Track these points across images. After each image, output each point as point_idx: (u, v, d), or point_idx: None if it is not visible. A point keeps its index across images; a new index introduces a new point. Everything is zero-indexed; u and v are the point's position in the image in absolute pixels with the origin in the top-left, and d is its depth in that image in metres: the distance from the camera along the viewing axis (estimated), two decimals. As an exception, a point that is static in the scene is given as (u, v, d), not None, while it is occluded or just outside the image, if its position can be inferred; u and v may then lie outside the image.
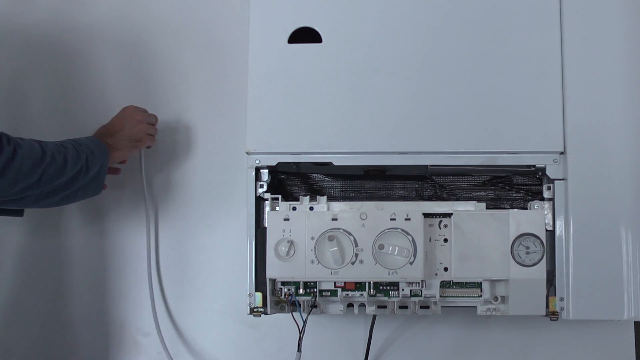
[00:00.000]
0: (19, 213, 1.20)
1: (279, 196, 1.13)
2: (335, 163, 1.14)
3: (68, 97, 1.41)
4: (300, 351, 1.13)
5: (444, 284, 1.11)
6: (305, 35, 1.15)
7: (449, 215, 1.10)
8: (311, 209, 1.12)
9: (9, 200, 1.04)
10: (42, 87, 1.42)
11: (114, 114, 1.27)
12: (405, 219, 1.08)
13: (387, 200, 1.16)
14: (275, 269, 1.09)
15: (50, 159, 1.05)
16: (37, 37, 1.43)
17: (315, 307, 1.11)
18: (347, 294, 1.11)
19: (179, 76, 1.41)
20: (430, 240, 1.10)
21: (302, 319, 1.11)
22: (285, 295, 1.11)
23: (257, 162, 1.14)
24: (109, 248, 1.38)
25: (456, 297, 1.11)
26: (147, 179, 1.35)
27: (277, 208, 1.12)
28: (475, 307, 1.12)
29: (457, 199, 1.17)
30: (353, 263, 1.08)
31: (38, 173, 1.04)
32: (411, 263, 1.07)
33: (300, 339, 1.13)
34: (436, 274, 1.10)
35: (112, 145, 1.20)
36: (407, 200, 1.17)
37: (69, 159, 1.08)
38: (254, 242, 1.13)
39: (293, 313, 1.11)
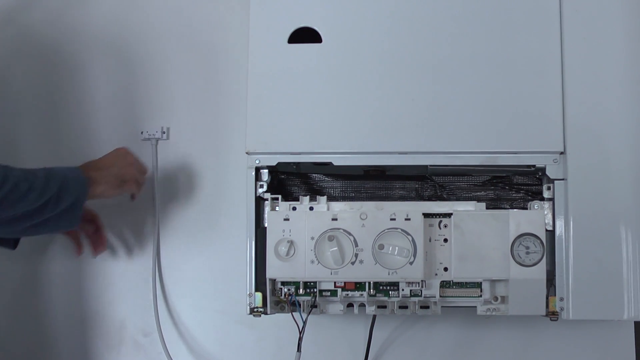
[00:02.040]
0: (9, 245, 1.18)
1: (279, 196, 1.13)
2: (335, 163, 1.14)
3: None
4: (300, 351, 1.13)
5: (444, 284, 1.11)
6: (305, 35, 1.15)
7: (449, 215, 1.10)
8: (311, 209, 1.12)
9: None
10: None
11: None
12: (405, 219, 1.08)
13: (387, 200, 1.16)
14: (275, 269, 1.09)
15: (12, 187, 1.01)
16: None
17: (315, 307, 1.11)
18: (347, 294, 1.11)
19: (180, 76, 1.41)
20: (430, 240, 1.10)
21: (302, 319, 1.11)
22: (285, 295, 1.11)
23: (257, 162, 1.14)
24: (110, 247, 1.38)
25: (456, 297, 1.11)
26: (154, 181, 1.36)
27: (277, 208, 1.12)
28: (475, 307, 1.12)
29: (457, 199, 1.17)
30: (353, 263, 1.08)
31: None
32: (411, 263, 1.07)
33: (300, 339, 1.13)
34: (436, 274, 1.10)
35: (96, 179, 1.15)
36: (407, 200, 1.17)
37: (36, 188, 1.04)
38: (254, 242, 1.13)
39: (293, 313, 1.11)
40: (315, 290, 1.11)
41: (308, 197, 1.13)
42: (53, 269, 1.39)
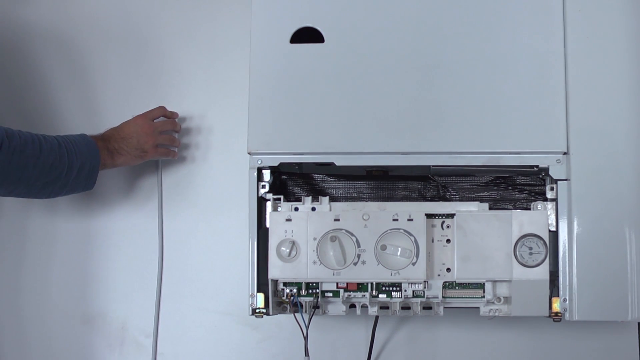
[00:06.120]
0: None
1: (281, 197, 1.13)
2: (338, 163, 1.13)
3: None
4: (308, 355, 1.12)
5: (447, 285, 1.11)
6: (307, 35, 1.15)
7: (451, 215, 1.10)
8: (313, 209, 1.11)
9: None
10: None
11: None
12: (408, 220, 1.08)
13: (390, 201, 1.16)
14: (277, 270, 1.09)
15: (21, 146, 1.06)
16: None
17: (318, 308, 1.11)
18: (350, 295, 1.11)
19: (181, 76, 1.41)
20: (432, 241, 1.10)
21: (304, 320, 1.10)
22: (287, 296, 1.11)
23: (259, 162, 1.13)
24: (113, 248, 1.38)
25: (459, 298, 1.11)
26: (159, 183, 1.37)
27: (279, 208, 1.12)
28: (478, 308, 1.11)
29: (460, 200, 1.17)
30: (355, 264, 1.08)
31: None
32: (414, 264, 1.07)
33: (306, 344, 1.12)
34: (439, 275, 1.09)
35: (118, 150, 1.23)
36: (410, 200, 1.17)
37: (45, 150, 1.09)
38: (256, 243, 1.13)
39: (295, 314, 1.11)
40: (317, 291, 1.10)
41: (310, 197, 1.12)
42: (54, 268, 1.39)
